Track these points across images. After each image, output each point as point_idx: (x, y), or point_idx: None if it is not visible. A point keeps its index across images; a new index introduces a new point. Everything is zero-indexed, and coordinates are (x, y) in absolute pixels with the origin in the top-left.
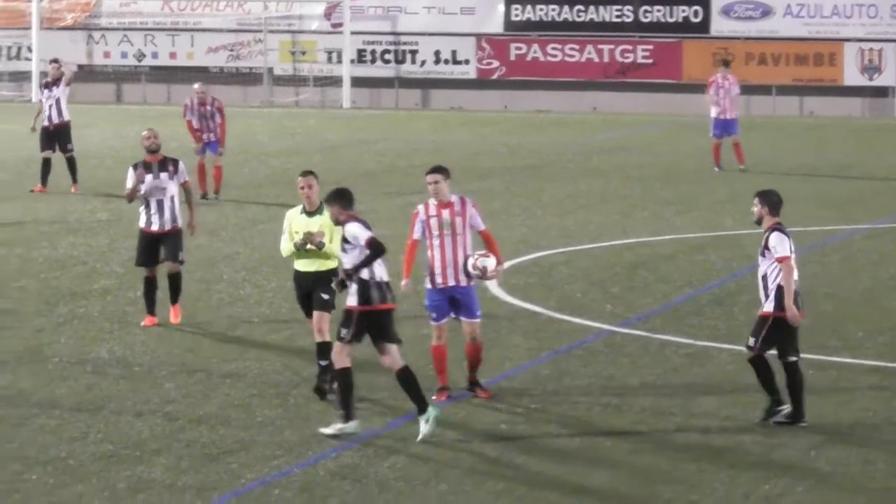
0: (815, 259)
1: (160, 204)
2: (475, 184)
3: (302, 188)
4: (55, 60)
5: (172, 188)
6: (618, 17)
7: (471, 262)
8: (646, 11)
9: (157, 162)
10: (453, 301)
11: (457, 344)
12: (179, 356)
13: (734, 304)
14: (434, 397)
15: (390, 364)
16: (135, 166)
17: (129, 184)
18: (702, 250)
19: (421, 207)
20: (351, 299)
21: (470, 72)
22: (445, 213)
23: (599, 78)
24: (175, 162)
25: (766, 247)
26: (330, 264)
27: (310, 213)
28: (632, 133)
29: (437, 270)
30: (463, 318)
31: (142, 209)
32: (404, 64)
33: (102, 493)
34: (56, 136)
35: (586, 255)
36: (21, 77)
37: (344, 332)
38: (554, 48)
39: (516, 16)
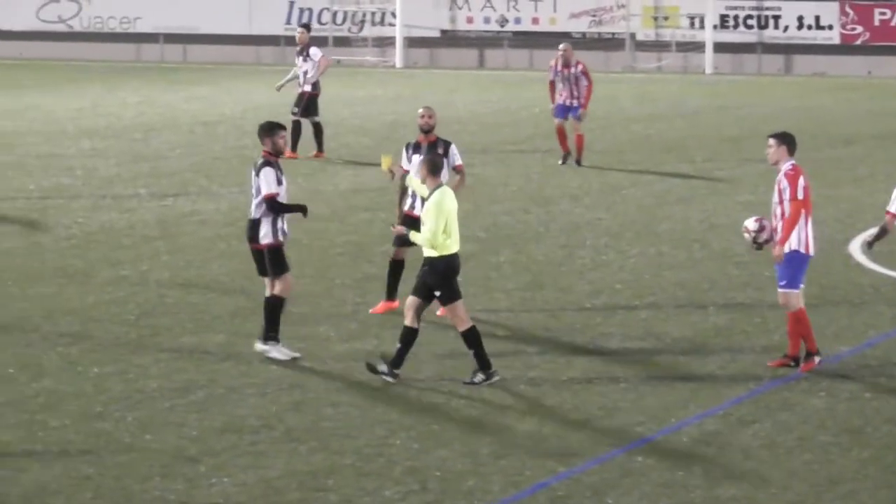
0: None
1: None
2: (838, 150)
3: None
4: (304, 26)
5: (443, 172)
6: None
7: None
8: None
9: (429, 143)
10: None
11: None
12: (542, 322)
13: None
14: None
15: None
16: (407, 146)
17: (404, 164)
18: None
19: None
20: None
21: (833, 37)
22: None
23: None
24: (447, 144)
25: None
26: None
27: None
28: None
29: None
30: None
31: (410, 191)
32: (767, 29)
33: (465, 459)
34: (301, 104)
35: None
36: (385, 42)
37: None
38: None
39: None
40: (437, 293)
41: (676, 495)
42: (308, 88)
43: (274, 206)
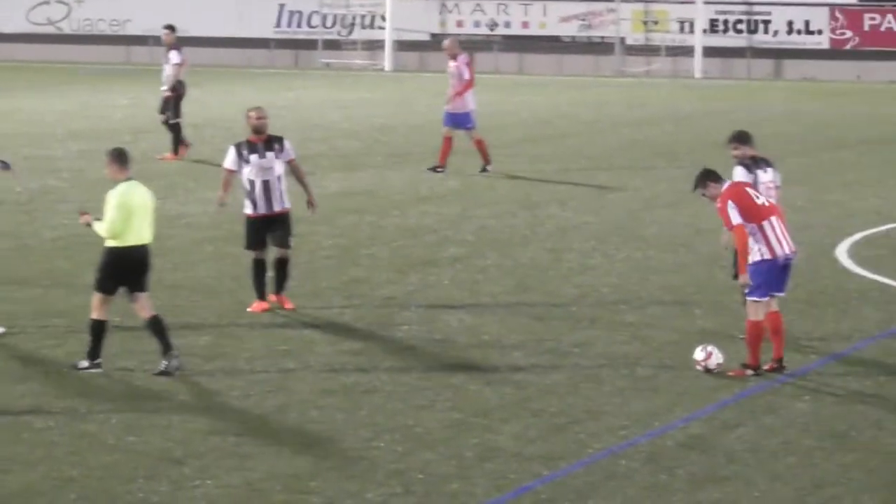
0: None
1: (266, 185)
2: (827, 154)
3: None
4: (168, 27)
5: (279, 168)
6: None
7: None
8: None
9: (263, 142)
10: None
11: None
12: (528, 325)
13: None
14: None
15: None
16: (239, 146)
17: (227, 164)
18: None
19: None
20: None
21: (823, 42)
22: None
23: None
24: (280, 140)
25: None
26: None
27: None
28: None
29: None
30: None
31: (246, 192)
32: (756, 34)
33: (449, 461)
34: (163, 105)
35: None
36: (375, 46)
37: None
38: None
39: None
40: (96, 278)
41: (660, 498)
42: (166, 90)
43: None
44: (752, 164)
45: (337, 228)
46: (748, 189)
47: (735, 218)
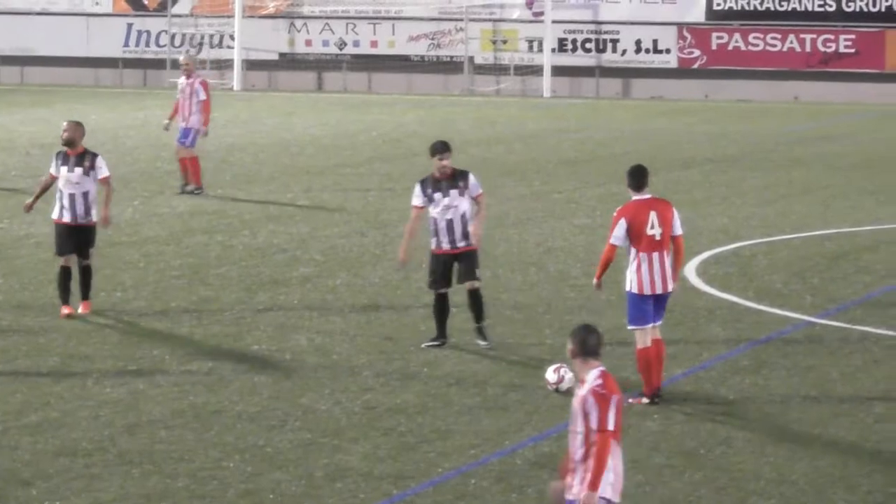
0: None
1: (72, 198)
2: (675, 173)
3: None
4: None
5: (88, 184)
6: (820, 6)
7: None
8: (848, 1)
9: (76, 155)
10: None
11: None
12: (378, 344)
13: None
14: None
15: None
16: (57, 155)
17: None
18: None
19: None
20: None
21: (671, 61)
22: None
23: (801, 67)
24: (93, 157)
25: None
26: None
27: None
28: (833, 123)
29: None
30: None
31: (56, 199)
32: (605, 53)
33: (300, 481)
34: None
35: (786, 245)
36: (224, 65)
37: None
38: (756, 37)
39: (718, 5)
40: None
41: None
42: None
43: None
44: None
45: (186, 248)
46: (649, 215)
47: (615, 237)
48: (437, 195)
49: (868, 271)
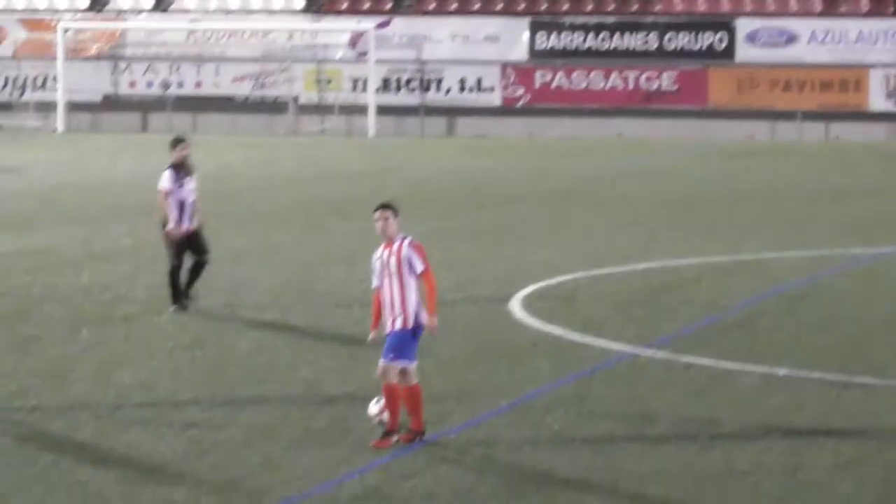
0: (840, 282)
1: None
2: (499, 210)
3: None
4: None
5: None
6: (642, 44)
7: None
8: (670, 39)
9: None
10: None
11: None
12: (203, 381)
13: (758, 326)
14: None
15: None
16: None
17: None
18: (726, 274)
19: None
20: None
21: (495, 99)
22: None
23: (624, 105)
24: None
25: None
26: None
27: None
28: (657, 159)
29: None
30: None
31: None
32: (429, 92)
33: None
34: None
35: (610, 278)
36: (47, 107)
37: None
38: (579, 75)
39: (541, 44)
40: None
41: None
42: None
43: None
44: None
45: (10, 288)
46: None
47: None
48: None
49: (691, 303)
